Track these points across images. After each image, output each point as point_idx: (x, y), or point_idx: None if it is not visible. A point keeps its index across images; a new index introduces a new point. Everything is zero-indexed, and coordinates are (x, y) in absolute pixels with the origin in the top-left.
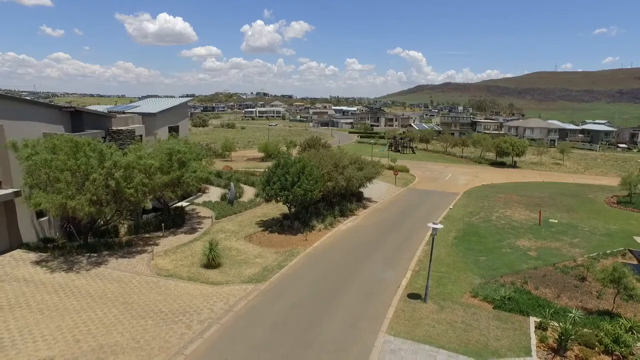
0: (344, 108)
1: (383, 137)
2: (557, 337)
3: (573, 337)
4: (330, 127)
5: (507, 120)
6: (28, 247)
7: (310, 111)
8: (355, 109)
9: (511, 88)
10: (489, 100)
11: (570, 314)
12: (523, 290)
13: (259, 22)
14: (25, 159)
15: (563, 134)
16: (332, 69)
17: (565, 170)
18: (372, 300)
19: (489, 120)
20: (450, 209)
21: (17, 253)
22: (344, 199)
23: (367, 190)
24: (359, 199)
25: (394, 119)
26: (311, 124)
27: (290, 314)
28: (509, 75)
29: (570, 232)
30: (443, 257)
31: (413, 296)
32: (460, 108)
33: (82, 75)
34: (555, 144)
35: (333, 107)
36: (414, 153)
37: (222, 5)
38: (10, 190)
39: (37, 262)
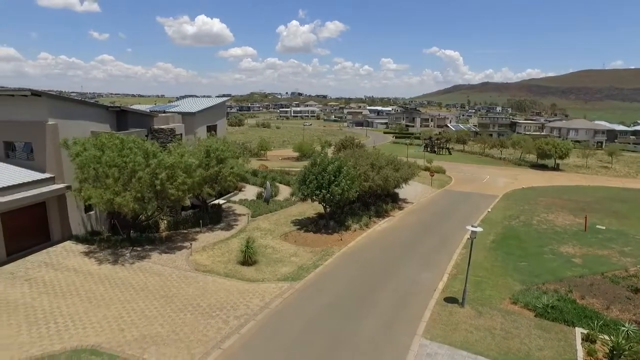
0: (379, 108)
1: (418, 138)
2: (607, 351)
3: (627, 352)
4: (364, 127)
5: (549, 121)
6: (77, 239)
7: (345, 111)
8: (390, 109)
9: (553, 87)
10: (529, 100)
11: (623, 328)
12: (568, 299)
13: (294, 22)
14: (76, 156)
15: (612, 135)
16: (366, 69)
17: (614, 174)
18: (408, 302)
19: (530, 121)
20: (488, 211)
21: (68, 244)
22: (380, 199)
23: (403, 191)
24: (395, 200)
25: (430, 120)
26: (345, 124)
27: (325, 312)
28: (551, 74)
29: (621, 240)
30: (481, 261)
31: (450, 300)
32: (499, 108)
33: (125, 76)
34: (603, 146)
35: (367, 107)
36: (450, 154)
37: (258, 6)
38: (62, 185)
39: (86, 254)
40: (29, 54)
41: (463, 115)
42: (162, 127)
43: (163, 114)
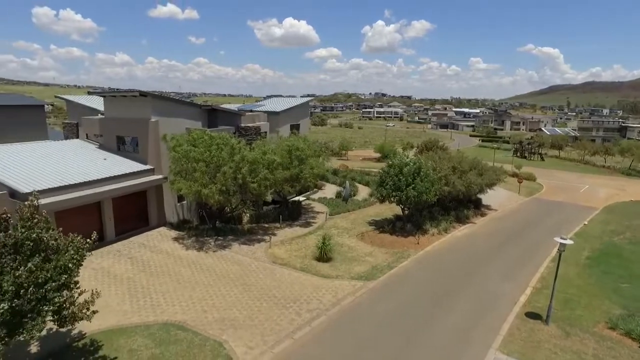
0: (466, 110)
1: (507, 142)
2: None
3: None
4: (449, 130)
5: None
6: (171, 225)
7: (429, 112)
8: (477, 110)
9: None
10: None
11: None
12: None
13: (380, 22)
14: (172, 150)
15: None
16: (454, 69)
17: None
18: (485, 313)
19: None
20: (584, 224)
21: (163, 230)
22: (461, 204)
23: (487, 197)
24: (477, 206)
25: (521, 122)
26: (429, 126)
27: (397, 314)
28: None
29: None
30: (572, 277)
31: (532, 315)
32: (606, 111)
33: (217, 77)
34: None
35: (453, 109)
36: (543, 160)
37: (343, 7)
38: (160, 176)
39: (176, 239)
40: (138, 59)
41: (561, 119)
42: (249, 125)
43: (250, 113)
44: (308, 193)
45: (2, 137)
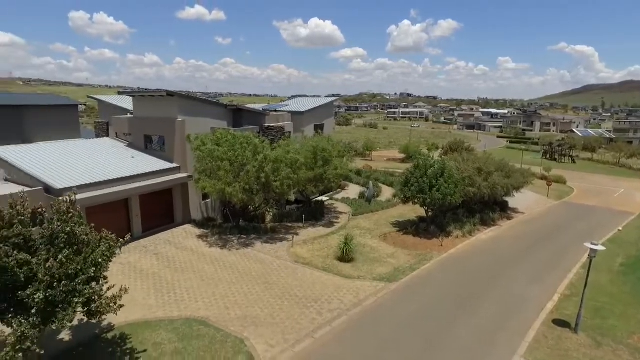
0: (493, 110)
1: (537, 144)
2: None
3: None
4: (476, 131)
5: None
6: (195, 223)
7: (455, 113)
8: (505, 111)
9: None
10: None
11: None
12: None
13: (405, 22)
14: (196, 149)
15: None
16: (481, 69)
17: None
18: (509, 318)
19: None
20: (619, 230)
21: (188, 227)
22: (486, 206)
23: (513, 200)
24: (503, 209)
25: (552, 124)
26: (455, 127)
27: (419, 316)
28: None
29: None
30: (604, 285)
31: (560, 323)
32: None
33: (243, 77)
34: None
35: (480, 109)
36: (574, 162)
37: (369, 7)
38: (185, 175)
39: (200, 237)
40: (167, 60)
41: (594, 120)
42: (273, 125)
43: (274, 113)
44: (331, 193)
45: (38, 135)
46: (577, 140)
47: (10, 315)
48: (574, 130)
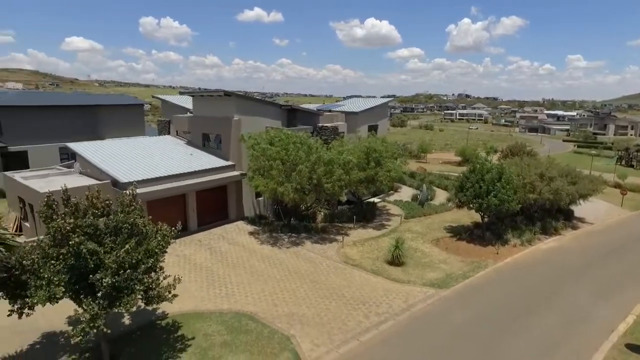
0: (559, 112)
1: (610, 148)
2: None
3: None
4: (539, 134)
5: None
6: (247, 220)
7: (517, 115)
8: (574, 113)
9: None
10: None
11: None
12: None
13: (466, 20)
14: (250, 148)
15: None
16: (547, 68)
17: None
18: (572, 336)
19: None
20: None
21: (240, 224)
22: (549, 214)
23: (580, 209)
24: (568, 218)
25: (629, 127)
26: (517, 129)
27: (471, 326)
28: None
29: None
30: None
31: (634, 348)
32: None
33: (299, 78)
34: None
35: (545, 111)
36: None
37: (427, 6)
38: (240, 172)
39: (252, 234)
40: (226, 61)
41: None
42: (326, 125)
43: (328, 113)
44: (383, 195)
45: (109, 132)
46: None
47: (82, 296)
48: None
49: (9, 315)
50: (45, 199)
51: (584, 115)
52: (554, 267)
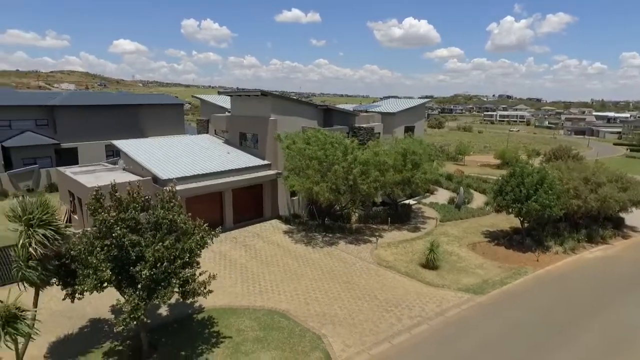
0: (610, 114)
1: None
2: None
3: None
4: (587, 137)
5: None
6: (282, 219)
7: (562, 117)
8: (627, 115)
9: None
10: None
11: None
12: None
13: (508, 18)
14: (286, 148)
15: None
16: (597, 67)
17: None
18: (621, 352)
19: None
20: None
21: (275, 222)
22: (595, 222)
23: (632, 217)
24: (617, 226)
25: None
26: (562, 132)
27: (507, 336)
28: None
29: None
30: None
31: None
32: None
33: (335, 78)
34: None
35: (594, 113)
36: None
37: (467, 4)
38: (275, 172)
39: (286, 232)
40: (264, 61)
41: None
42: (363, 125)
43: (365, 114)
44: (419, 197)
45: (151, 130)
46: None
47: (124, 286)
48: None
49: (64, 299)
50: (94, 193)
51: (638, 117)
52: (600, 278)
